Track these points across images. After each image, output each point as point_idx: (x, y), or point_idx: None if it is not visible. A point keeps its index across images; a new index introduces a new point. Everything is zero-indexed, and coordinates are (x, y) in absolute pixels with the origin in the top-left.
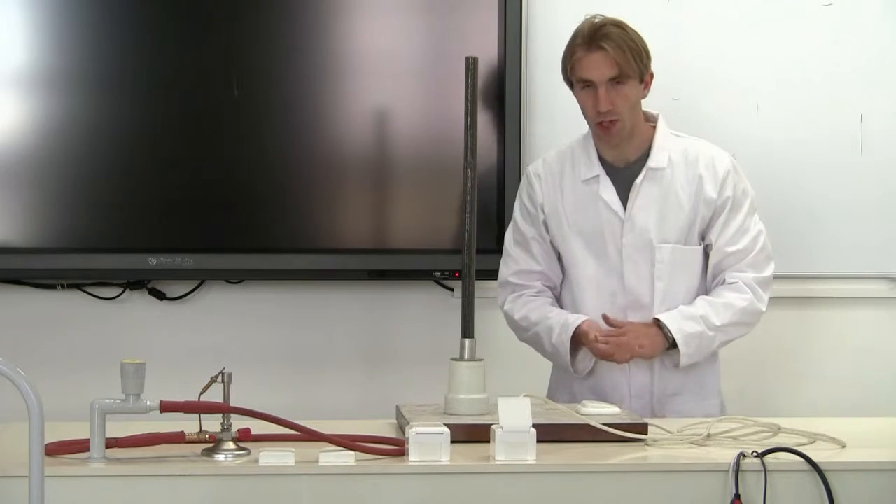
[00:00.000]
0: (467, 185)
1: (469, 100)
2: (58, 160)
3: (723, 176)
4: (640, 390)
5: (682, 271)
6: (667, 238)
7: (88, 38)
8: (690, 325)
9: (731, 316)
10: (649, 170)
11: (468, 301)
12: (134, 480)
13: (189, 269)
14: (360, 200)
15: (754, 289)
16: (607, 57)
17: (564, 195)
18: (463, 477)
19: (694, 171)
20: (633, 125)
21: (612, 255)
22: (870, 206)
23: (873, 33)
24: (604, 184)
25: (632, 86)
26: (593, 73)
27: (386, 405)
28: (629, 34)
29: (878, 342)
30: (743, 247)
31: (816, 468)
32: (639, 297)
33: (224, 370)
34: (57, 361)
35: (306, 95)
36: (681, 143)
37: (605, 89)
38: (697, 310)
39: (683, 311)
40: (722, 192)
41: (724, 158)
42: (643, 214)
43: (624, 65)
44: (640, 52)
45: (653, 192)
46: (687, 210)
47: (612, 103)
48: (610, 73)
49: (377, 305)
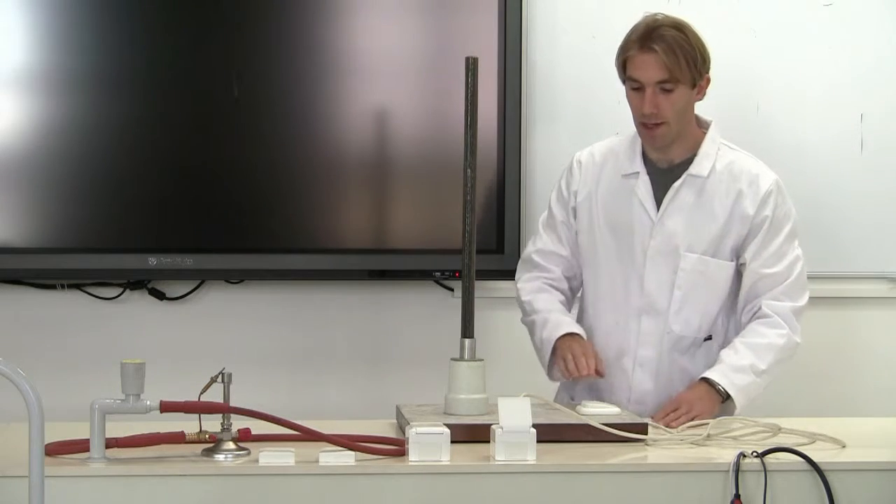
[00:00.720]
0: (467, 185)
1: (469, 100)
2: (58, 160)
3: (764, 195)
4: (642, 396)
5: (704, 283)
6: (694, 247)
7: (88, 38)
8: (741, 378)
9: (773, 356)
10: (689, 176)
11: (468, 301)
12: (134, 480)
13: (189, 269)
14: (360, 200)
15: (790, 322)
16: (658, 59)
17: (600, 186)
18: (463, 477)
19: (735, 185)
20: (679, 130)
21: (637, 255)
22: (870, 207)
23: (873, 33)
24: (642, 181)
25: (681, 91)
26: (642, 73)
27: (386, 405)
28: (687, 37)
29: (878, 342)
30: (779, 271)
31: (816, 468)
32: (655, 301)
33: (224, 370)
34: (57, 361)
35: (306, 95)
36: (729, 154)
37: (653, 92)
38: (743, 359)
39: (731, 364)
40: (760, 211)
41: (769, 177)
42: (674, 219)
43: (674, 69)
44: (696, 57)
45: (688, 199)
46: (721, 223)
47: (657, 107)
48: (658, 76)
49: (377, 305)
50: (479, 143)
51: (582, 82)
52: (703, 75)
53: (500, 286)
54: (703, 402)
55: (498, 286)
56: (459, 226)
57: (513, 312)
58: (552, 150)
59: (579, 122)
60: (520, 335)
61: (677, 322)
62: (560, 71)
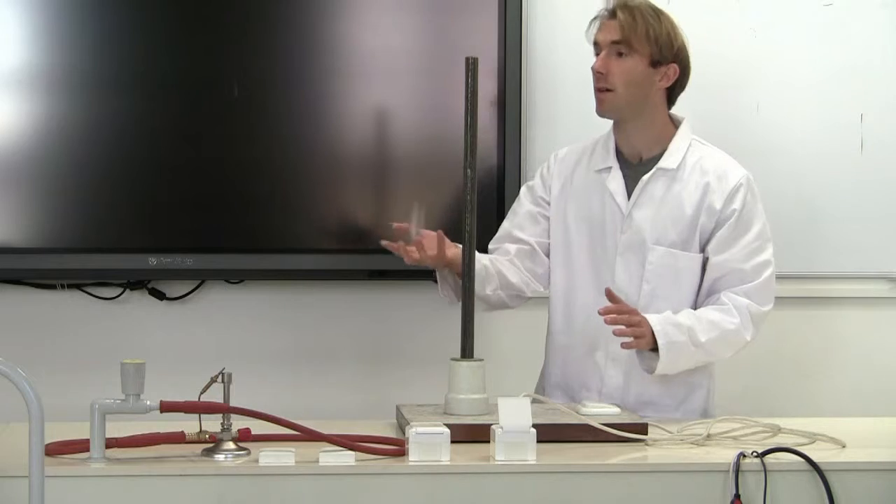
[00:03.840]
0: (467, 185)
1: (469, 100)
2: (58, 160)
3: (732, 189)
4: (613, 391)
5: (673, 277)
6: (661, 240)
7: (88, 38)
8: (676, 334)
9: (716, 335)
10: (659, 169)
11: (468, 301)
12: (134, 480)
13: (189, 269)
14: (360, 200)
15: (744, 316)
16: (617, 23)
17: (574, 180)
18: (463, 477)
19: (704, 178)
20: (630, 104)
21: (608, 249)
22: (870, 206)
23: (873, 33)
24: (614, 175)
25: (635, 60)
26: (601, 35)
27: (386, 405)
28: (658, 17)
29: (878, 342)
30: (745, 269)
31: (816, 468)
32: (627, 295)
33: (224, 370)
34: (57, 361)
35: (306, 95)
36: (700, 149)
37: (607, 53)
38: (684, 320)
39: (670, 318)
40: (728, 205)
41: (739, 172)
42: (642, 212)
43: (631, 35)
44: (659, 35)
45: (657, 192)
46: (689, 216)
47: (606, 67)
48: (613, 36)
49: (377, 305)
50: (479, 143)
51: (581, 82)
52: (669, 61)
53: None
54: (646, 331)
55: None
56: (459, 226)
57: (513, 312)
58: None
59: (579, 122)
60: (520, 335)
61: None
62: (560, 70)
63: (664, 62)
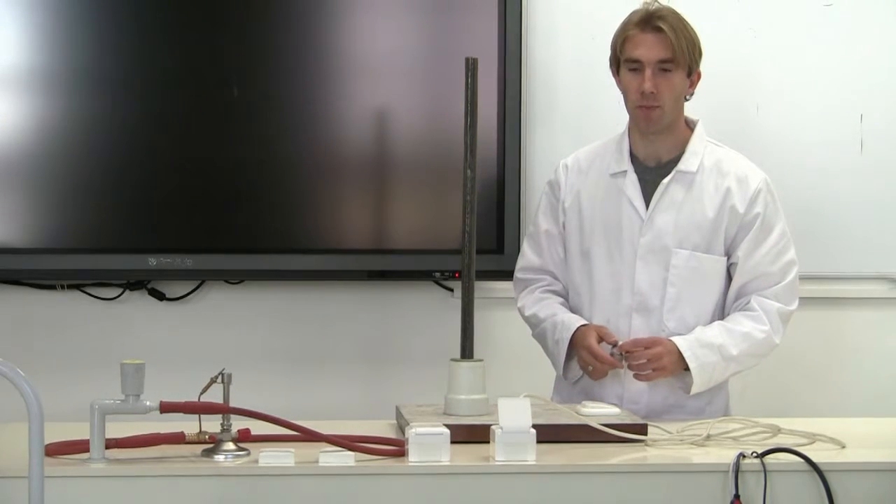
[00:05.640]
0: (467, 186)
1: (469, 100)
2: (58, 160)
3: (754, 192)
4: (635, 396)
5: (697, 280)
6: (685, 243)
7: (88, 38)
8: (707, 355)
9: (748, 346)
10: (678, 172)
11: (468, 301)
12: (134, 481)
13: (189, 269)
14: (359, 200)
15: (775, 322)
16: (663, 38)
17: (588, 187)
18: (463, 477)
19: (724, 181)
20: (673, 119)
21: (626, 253)
22: (870, 206)
23: (873, 33)
24: (630, 180)
25: (679, 76)
26: (644, 52)
27: (386, 405)
28: (686, 24)
29: (878, 342)
30: (773, 272)
31: (816, 468)
32: (647, 299)
33: (224, 370)
34: (57, 361)
35: (306, 95)
36: (717, 151)
37: (653, 71)
38: (715, 338)
39: (700, 339)
40: (751, 209)
41: (759, 175)
42: (664, 216)
43: (677, 50)
44: (694, 44)
45: (678, 196)
46: (711, 218)
47: (656, 87)
48: (662, 54)
49: (377, 305)
50: (479, 143)
51: (581, 83)
52: (696, 67)
53: (499, 286)
54: (670, 359)
55: (498, 286)
56: (459, 226)
57: (513, 312)
58: (552, 150)
59: (579, 123)
60: (520, 335)
61: (672, 319)
62: (560, 71)
63: (694, 69)
